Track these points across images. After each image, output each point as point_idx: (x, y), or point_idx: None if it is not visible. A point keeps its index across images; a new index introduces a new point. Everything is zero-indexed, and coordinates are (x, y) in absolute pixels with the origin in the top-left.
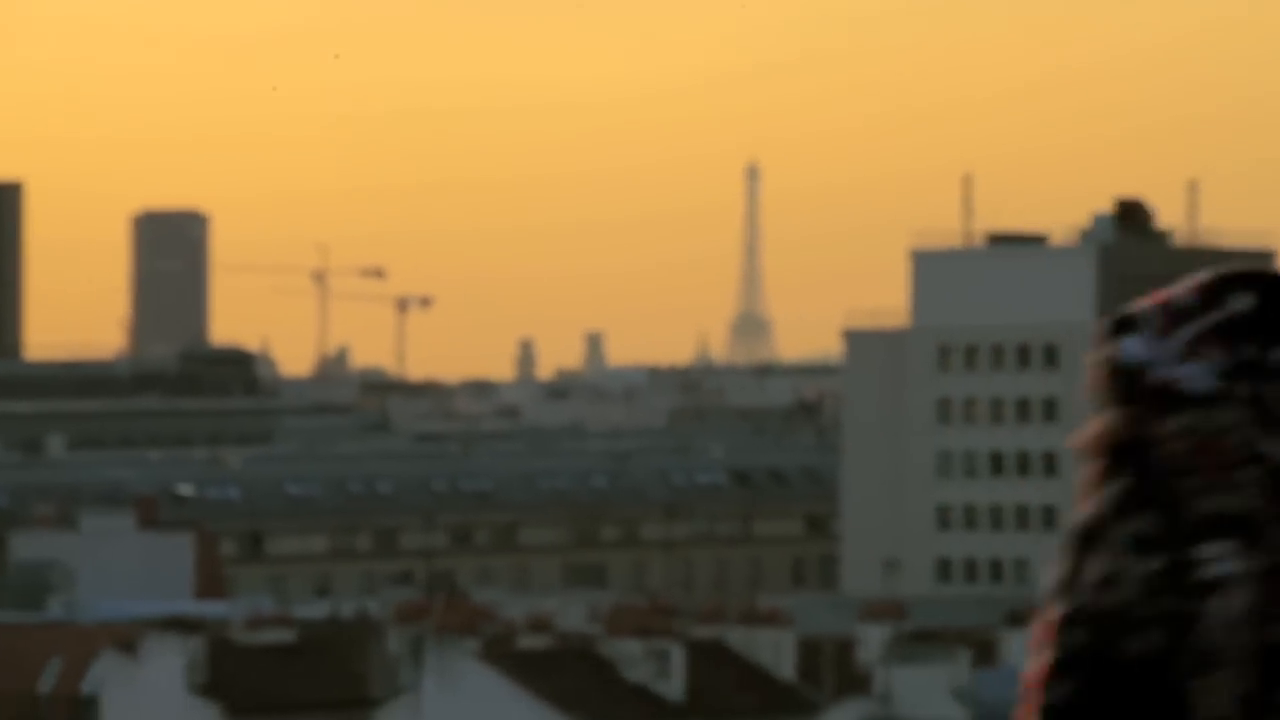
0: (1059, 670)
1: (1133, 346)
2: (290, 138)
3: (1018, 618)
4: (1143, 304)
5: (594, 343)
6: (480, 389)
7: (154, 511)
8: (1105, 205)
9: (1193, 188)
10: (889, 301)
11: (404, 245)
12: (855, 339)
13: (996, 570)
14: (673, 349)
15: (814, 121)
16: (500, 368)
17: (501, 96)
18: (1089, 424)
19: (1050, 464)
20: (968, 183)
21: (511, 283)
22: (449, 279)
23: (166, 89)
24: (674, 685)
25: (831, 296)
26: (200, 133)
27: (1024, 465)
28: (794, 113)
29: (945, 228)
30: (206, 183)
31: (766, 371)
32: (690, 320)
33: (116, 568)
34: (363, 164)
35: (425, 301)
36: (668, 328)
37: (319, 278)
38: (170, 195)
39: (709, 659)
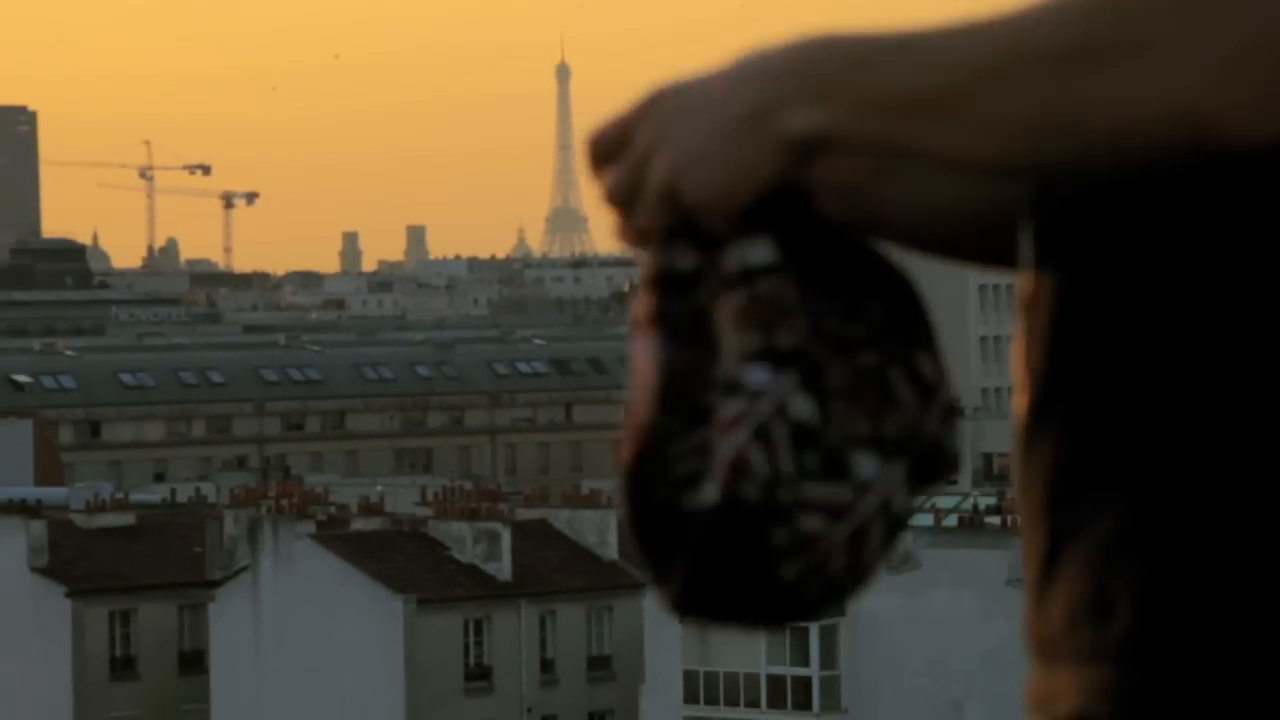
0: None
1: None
2: (114, 31)
3: None
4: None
5: (415, 235)
6: (306, 281)
7: None
8: None
9: None
10: None
11: (229, 140)
12: None
13: None
14: (491, 242)
15: (621, 20)
16: (325, 260)
17: None
18: None
19: None
20: None
21: (335, 176)
22: (274, 173)
23: None
24: (502, 565)
25: None
26: (27, 31)
27: None
28: (601, 11)
29: None
30: (34, 79)
31: (582, 263)
32: (507, 214)
33: None
34: (188, 57)
35: (251, 196)
36: (486, 221)
37: (145, 174)
38: None
39: (535, 540)
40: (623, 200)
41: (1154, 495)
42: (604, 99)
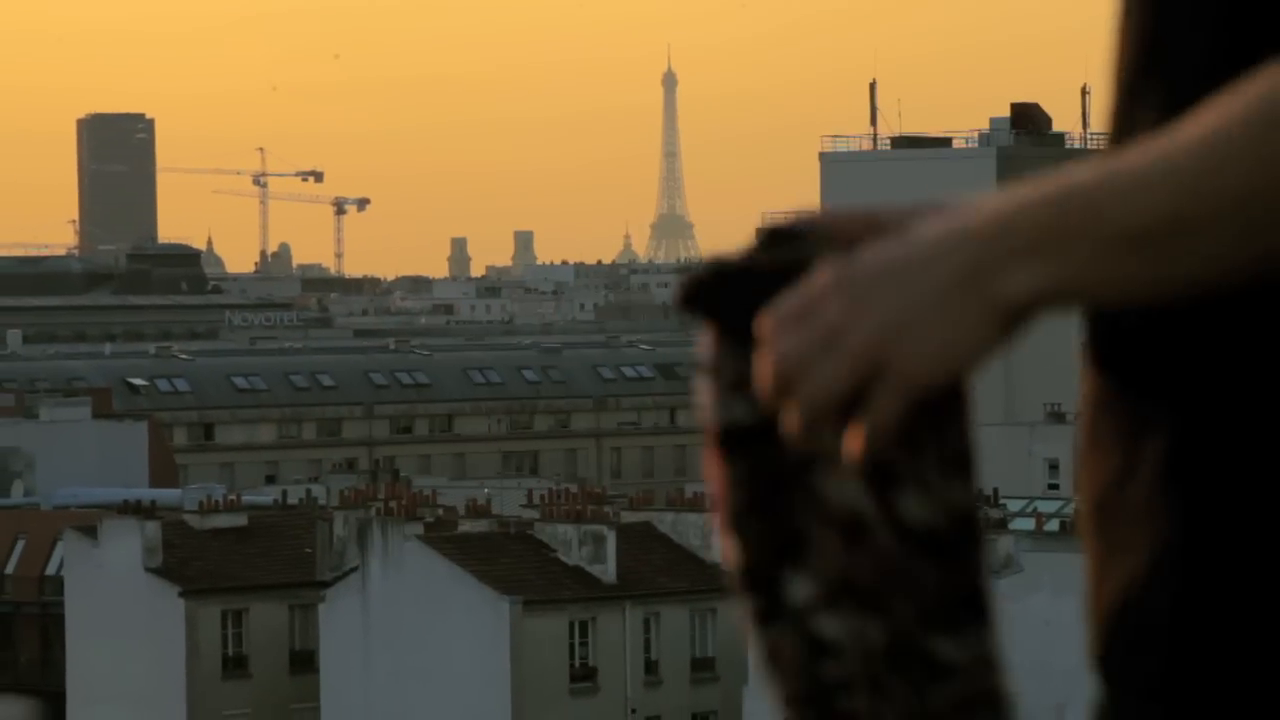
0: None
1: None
2: (230, 42)
3: None
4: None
5: (523, 241)
6: (415, 285)
7: (108, 402)
8: (1003, 110)
9: (1085, 93)
10: (801, 202)
11: (341, 148)
12: None
13: None
14: (598, 248)
15: (727, 29)
16: (434, 265)
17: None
18: None
19: None
20: (874, 88)
21: (444, 183)
22: (384, 180)
23: None
24: (607, 567)
25: (747, 197)
26: (145, 38)
27: None
28: (708, 21)
29: (853, 131)
30: (151, 86)
31: (687, 269)
32: (614, 220)
33: (74, 455)
34: (301, 66)
35: (362, 203)
36: (593, 227)
37: (259, 180)
38: (116, 99)
39: (639, 542)
40: (797, 374)
41: (1181, 541)
42: (710, 106)
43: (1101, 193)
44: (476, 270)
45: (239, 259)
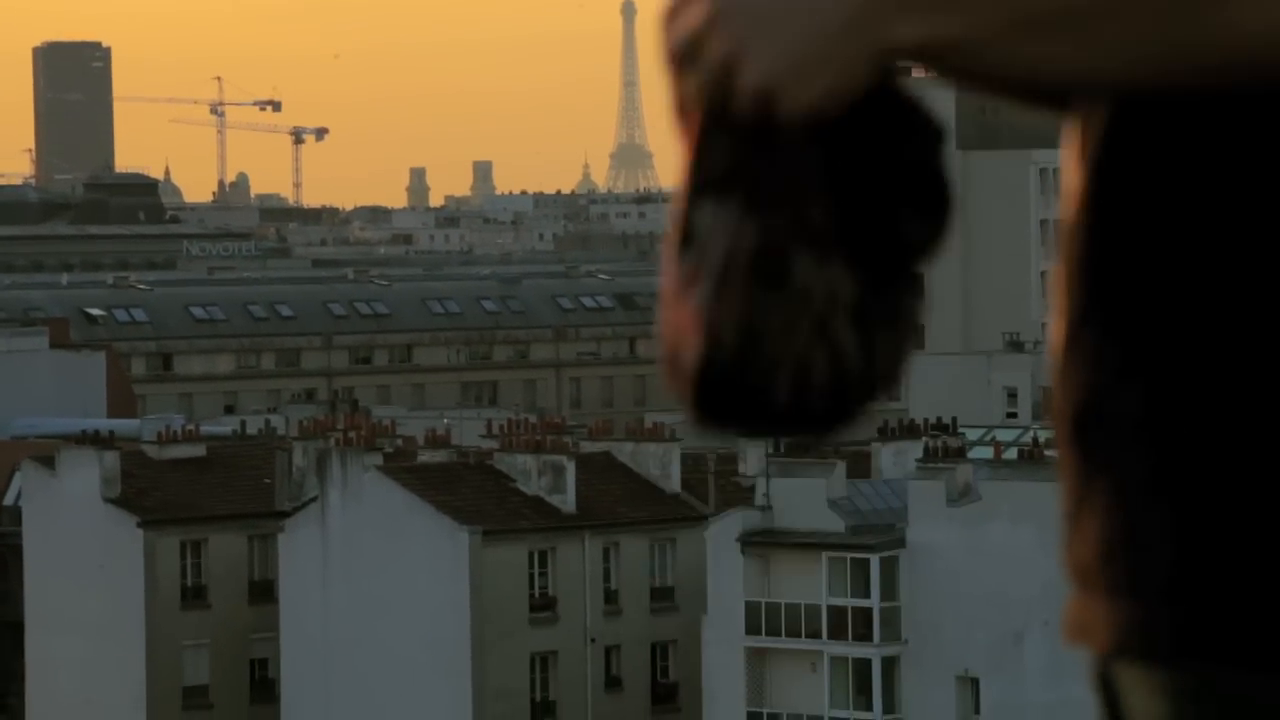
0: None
1: None
2: None
3: (889, 432)
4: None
5: (482, 171)
6: (374, 215)
7: (65, 333)
8: None
9: None
10: None
11: (299, 74)
12: None
13: None
14: (557, 178)
15: None
16: (393, 195)
17: None
18: None
19: None
20: None
21: (403, 111)
22: (343, 109)
23: None
24: (567, 497)
25: None
26: None
27: None
28: None
29: None
30: (107, 11)
31: (647, 199)
32: (573, 150)
33: (32, 386)
34: None
35: (320, 132)
36: (552, 157)
37: (217, 109)
38: (72, 26)
39: (599, 473)
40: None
41: (1184, 437)
42: None
43: None
44: (435, 200)
45: (197, 189)
